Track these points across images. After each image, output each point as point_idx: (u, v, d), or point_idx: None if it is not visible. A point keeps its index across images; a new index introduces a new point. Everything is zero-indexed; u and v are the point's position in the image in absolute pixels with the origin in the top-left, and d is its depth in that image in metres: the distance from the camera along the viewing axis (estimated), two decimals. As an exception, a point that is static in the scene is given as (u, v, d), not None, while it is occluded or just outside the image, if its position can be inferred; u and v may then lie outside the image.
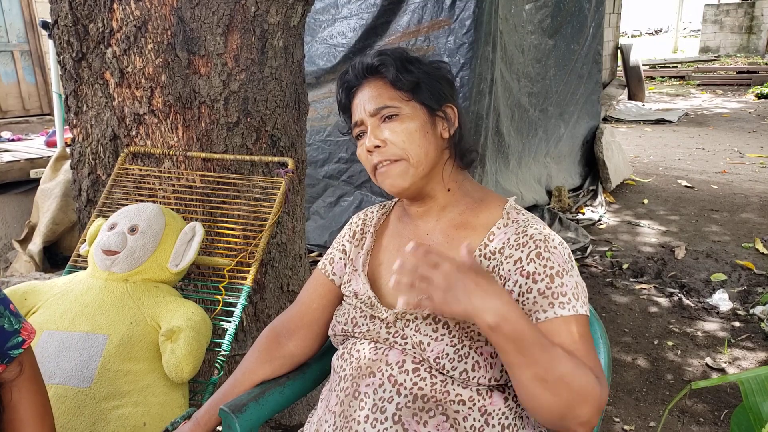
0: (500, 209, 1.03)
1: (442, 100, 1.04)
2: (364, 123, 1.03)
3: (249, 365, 1.16)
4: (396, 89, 1.01)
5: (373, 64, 1.03)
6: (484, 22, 3.15)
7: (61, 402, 1.19)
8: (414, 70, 1.02)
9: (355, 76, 1.05)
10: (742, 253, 3.50)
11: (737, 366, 2.43)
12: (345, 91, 1.08)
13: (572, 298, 0.93)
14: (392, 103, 1.00)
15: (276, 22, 1.75)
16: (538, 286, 0.93)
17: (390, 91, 1.01)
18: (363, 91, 1.04)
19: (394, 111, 1.00)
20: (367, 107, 1.02)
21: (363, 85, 1.05)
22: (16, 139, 4.29)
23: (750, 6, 14.86)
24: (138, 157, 1.78)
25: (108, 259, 1.38)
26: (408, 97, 1.01)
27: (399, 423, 0.93)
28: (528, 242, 0.96)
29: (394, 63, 1.01)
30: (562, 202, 4.34)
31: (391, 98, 1.01)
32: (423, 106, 1.02)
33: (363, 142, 1.04)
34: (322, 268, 1.18)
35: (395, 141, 1.00)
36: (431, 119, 1.02)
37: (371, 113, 1.02)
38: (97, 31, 1.68)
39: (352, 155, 3.47)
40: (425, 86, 1.02)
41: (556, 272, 0.94)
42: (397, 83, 1.01)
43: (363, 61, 1.05)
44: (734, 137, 6.96)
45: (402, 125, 1.00)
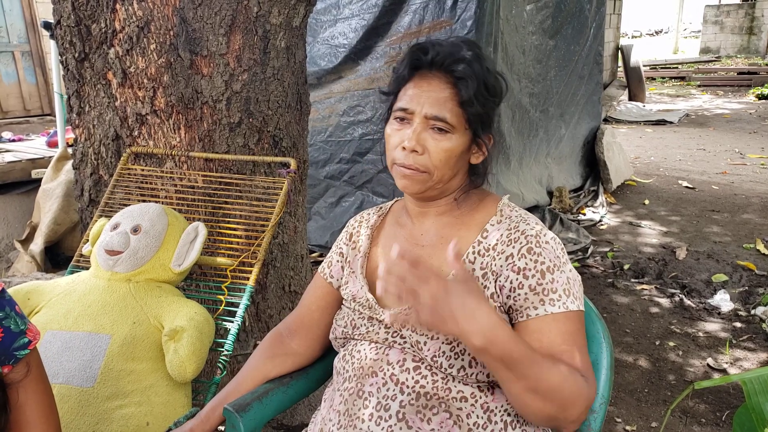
0: (494, 207, 1.05)
1: (489, 129, 1.01)
2: (414, 117, 0.98)
3: (253, 363, 1.17)
4: (461, 108, 0.96)
5: (455, 71, 0.96)
6: (485, 23, 3.16)
7: (64, 402, 1.19)
8: (488, 101, 0.98)
9: (430, 62, 0.98)
10: (743, 254, 3.50)
11: (739, 367, 2.43)
12: (410, 67, 1.00)
13: (563, 294, 0.94)
14: (451, 119, 0.96)
15: (278, 23, 1.76)
16: (529, 282, 0.94)
17: (455, 106, 0.96)
18: (430, 84, 0.97)
19: (447, 127, 0.96)
20: (426, 108, 0.96)
21: (432, 77, 0.98)
22: (17, 139, 4.30)
23: (750, 7, 14.85)
24: (140, 158, 1.78)
25: (111, 259, 1.38)
26: (466, 120, 0.97)
27: (403, 420, 0.93)
28: (519, 238, 0.97)
29: (475, 85, 0.95)
30: (563, 203, 4.34)
31: (451, 113, 0.96)
32: (471, 131, 0.99)
33: (401, 129, 0.99)
34: (321, 271, 1.19)
35: (433, 156, 0.97)
36: (470, 145, 1.00)
37: (427, 116, 0.96)
38: (100, 31, 1.69)
39: (354, 156, 3.47)
40: (482, 118, 0.98)
41: (546, 268, 0.95)
42: (465, 105, 0.96)
43: (446, 55, 0.96)
44: (735, 138, 6.96)
45: (448, 143, 0.97)
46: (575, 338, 0.93)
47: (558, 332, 0.93)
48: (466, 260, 1.00)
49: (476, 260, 0.99)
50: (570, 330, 0.93)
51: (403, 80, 1.01)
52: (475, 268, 0.99)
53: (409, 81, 1.00)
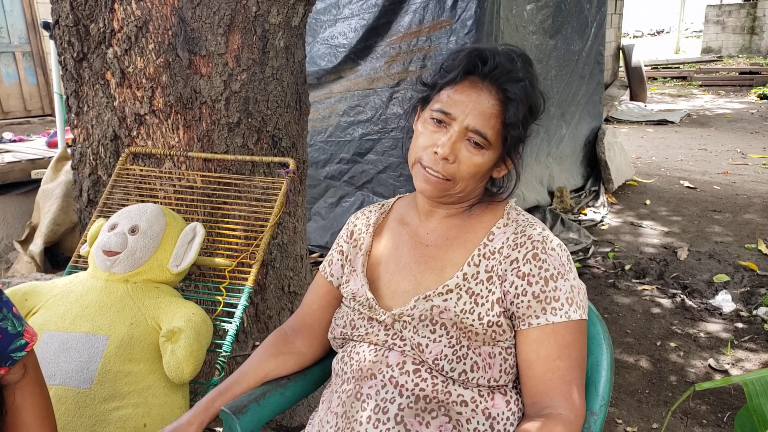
0: (501, 210, 1.04)
1: (515, 150, 1.01)
2: (454, 122, 0.95)
3: (256, 360, 1.16)
4: (503, 127, 0.95)
5: (509, 90, 0.94)
6: (486, 23, 3.15)
7: (61, 403, 1.19)
8: (528, 124, 0.98)
9: (485, 73, 0.95)
10: (744, 254, 3.49)
11: (740, 367, 2.41)
12: (464, 71, 0.96)
13: (565, 303, 0.94)
14: (491, 137, 0.95)
15: (277, 22, 1.75)
16: (533, 289, 0.94)
17: (498, 125, 0.95)
18: (480, 96, 0.95)
19: (484, 144, 0.95)
20: (470, 119, 0.94)
21: (483, 87, 0.95)
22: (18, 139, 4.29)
23: (752, 6, 14.83)
24: (139, 158, 1.77)
25: (108, 259, 1.37)
26: (503, 143, 0.97)
27: (401, 424, 0.92)
28: (525, 242, 0.97)
29: (522, 110, 0.94)
30: (564, 203, 4.33)
31: (493, 130, 0.95)
32: (504, 151, 0.99)
33: (436, 131, 0.97)
34: (322, 270, 1.18)
35: (464, 168, 0.96)
36: (498, 162, 1.00)
37: (468, 127, 0.95)
38: (98, 31, 1.68)
39: (354, 156, 3.47)
40: (517, 139, 0.98)
41: (551, 275, 0.95)
42: (508, 127, 0.95)
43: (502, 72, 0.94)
44: (736, 138, 6.94)
45: (480, 159, 0.96)
46: (571, 351, 0.94)
47: (555, 345, 0.94)
48: (471, 263, 0.99)
49: (481, 263, 0.99)
50: (568, 342, 0.94)
51: (451, 81, 0.98)
52: (479, 271, 0.98)
53: (458, 84, 0.97)
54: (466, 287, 0.98)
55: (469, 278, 0.98)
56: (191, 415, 1.08)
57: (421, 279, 1.02)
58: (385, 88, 3.34)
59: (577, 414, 0.92)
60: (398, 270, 1.05)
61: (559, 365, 0.93)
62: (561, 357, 0.93)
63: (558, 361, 0.93)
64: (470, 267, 0.99)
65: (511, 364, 0.96)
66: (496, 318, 0.95)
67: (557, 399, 0.92)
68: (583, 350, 0.96)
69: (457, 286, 0.98)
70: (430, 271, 1.02)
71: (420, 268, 1.03)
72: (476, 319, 0.96)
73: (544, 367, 0.93)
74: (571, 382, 0.93)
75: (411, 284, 1.03)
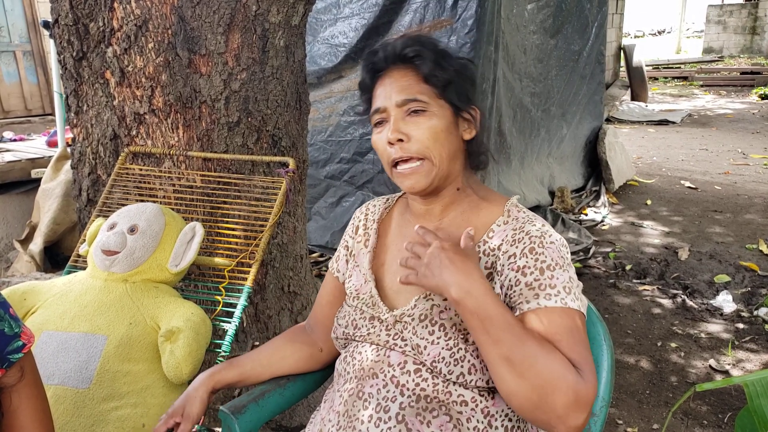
0: (501, 207, 1.03)
1: (468, 101, 1.01)
2: (387, 112, 0.98)
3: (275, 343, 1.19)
4: (427, 83, 0.97)
5: (407, 54, 0.97)
6: (486, 22, 3.14)
7: (59, 403, 1.18)
8: (447, 66, 0.98)
9: (384, 59, 1.00)
10: (745, 255, 3.48)
11: (741, 368, 2.41)
12: (370, 72, 1.02)
13: (562, 290, 0.90)
14: (422, 97, 0.96)
15: (277, 21, 1.75)
16: (527, 279, 0.92)
17: (421, 85, 0.97)
18: (391, 78, 0.99)
19: (422, 106, 0.96)
20: (394, 97, 0.97)
21: (391, 71, 0.99)
22: (18, 139, 4.30)
23: (753, 6, 14.81)
24: (138, 157, 1.77)
25: (107, 259, 1.37)
26: (438, 94, 0.97)
27: (402, 423, 0.92)
28: (524, 238, 0.96)
29: (430, 56, 0.96)
30: (564, 203, 4.32)
31: (421, 92, 0.97)
32: (450, 105, 0.98)
33: (382, 130, 0.99)
34: (330, 266, 1.20)
35: (420, 138, 0.96)
36: (455, 119, 1.00)
37: (398, 104, 0.97)
38: (98, 30, 1.68)
39: (354, 155, 3.46)
40: (456, 85, 0.98)
41: (547, 266, 0.92)
42: (430, 78, 0.96)
43: (396, 47, 0.99)
44: (738, 138, 6.94)
45: (429, 122, 0.96)
46: (574, 333, 0.88)
47: (552, 323, 0.88)
48: None
49: (481, 260, 0.98)
50: (568, 325, 0.88)
51: (369, 89, 1.03)
52: None
53: (375, 86, 1.02)
54: None
55: None
56: (198, 381, 1.10)
57: None
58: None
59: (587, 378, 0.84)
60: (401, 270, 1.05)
61: (560, 339, 0.86)
62: (560, 333, 0.87)
63: (558, 336, 0.87)
64: None
65: None
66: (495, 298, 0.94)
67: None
68: (585, 337, 0.90)
69: None
70: None
71: None
72: None
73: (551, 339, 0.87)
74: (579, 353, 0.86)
75: None
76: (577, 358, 0.86)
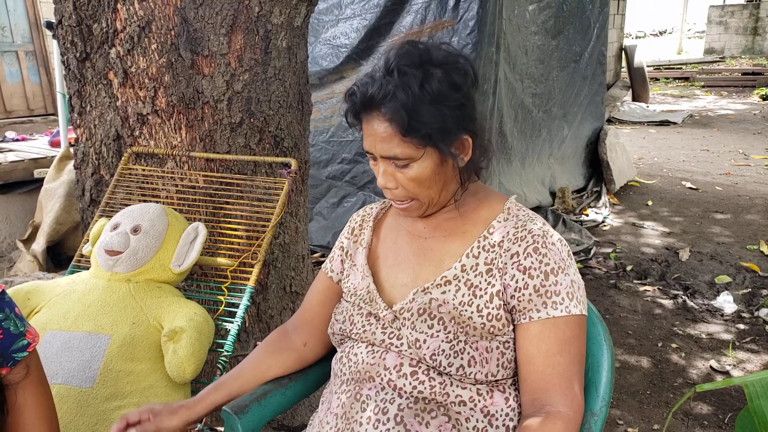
0: (501, 205, 1.04)
1: (456, 134, 0.96)
2: (376, 157, 0.99)
3: (255, 356, 1.16)
4: (407, 137, 0.93)
5: (382, 111, 0.93)
6: (488, 23, 3.15)
7: (63, 402, 1.19)
8: (426, 116, 0.91)
9: (361, 105, 0.96)
10: (746, 255, 3.48)
11: (742, 369, 2.41)
12: (353, 115, 0.99)
13: (566, 297, 0.94)
14: (403, 153, 0.94)
15: (279, 23, 1.75)
16: (534, 283, 0.95)
17: (400, 141, 0.93)
18: (372, 126, 0.95)
19: (404, 162, 0.95)
20: (379, 148, 0.96)
21: (372, 117, 0.95)
22: (21, 139, 4.30)
23: (755, 7, 14.80)
24: (141, 158, 1.78)
25: (111, 259, 1.38)
26: (420, 145, 0.94)
27: (401, 424, 0.93)
28: (526, 236, 0.97)
29: (404, 115, 0.91)
30: (565, 204, 4.33)
31: (401, 148, 0.94)
32: (434, 149, 0.96)
33: (375, 165, 1.01)
34: (324, 267, 1.20)
35: (406, 186, 0.98)
36: (444, 157, 0.97)
37: (383, 156, 0.96)
38: (101, 31, 1.69)
39: (356, 156, 3.47)
40: (438, 130, 0.94)
41: (551, 269, 0.95)
42: (407, 135, 0.93)
43: (370, 96, 0.94)
44: (739, 139, 6.93)
45: (412, 172, 0.96)
46: (571, 346, 0.95)
47: (556, 339, 0.94)
48: (470, 254, 1.00)
49: (480, 255, 0.99)
50: (568, 337, 0.94)
51: (356, 125, 1.02)
52: (479, 263, 0.99)
53: (361, 123, 0.99)
54: (464, 279, 0.98)
55: (467, 269, 0.99)
56: (176, 407, 1.06)
57: (419, 271, 1.03)
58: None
59: (577, 410, 0.92)
60: (397, 263, 1.06)
61: (560, 360, 0.93)
62: (561, 352, 0.93)
63: (558, 357, 0.93)
64: (469, 258, 0.99)
65: (508, 358, 0.96)
66: (496, 311, 0.95)
67: (557, 396, 0.92)
68: (582, 346, 0.97)
69: (456, 278, 0.98)
70: (428, 263, 1.03)
71: (418, 260, 1.04)
72: (474, 311, 0.96)
73: (544, 362, 0.93)
74: (572, 378, 0.93)
75: (409, 277, 1.03)
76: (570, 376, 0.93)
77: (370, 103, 0.94)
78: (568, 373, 0.93)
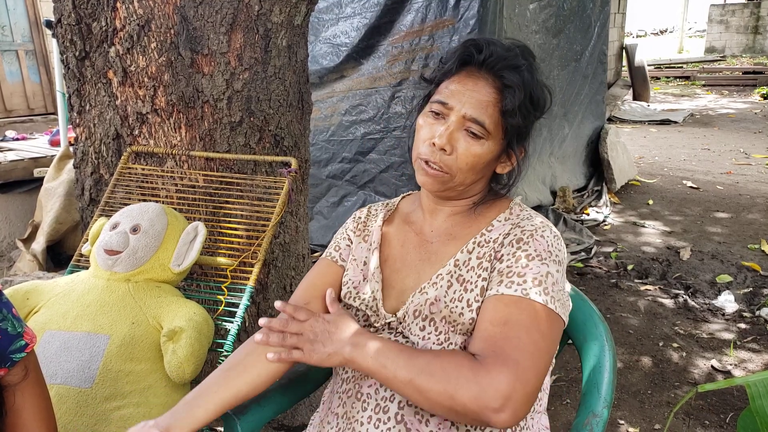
0: (505, 206, 1.05)
1: (523, 142, 0.99)
2: (451, 113, 0.95)
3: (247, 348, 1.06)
4: (502, 116, 0.93)
5: (505, 77, 0.93)
6: (489, 22, 3.14)
7: (62, 402, 1.19)
8: (528, 113, 0.95)
9: (482, 62, 0.94)
10: (747, 255, 3.48)
11: (743, 368, 2.41)
12: (459, 62, 0.96)
13: (530, 281, 0.88)
14: (489, 126, 0.93)
15: (279, 21, 1.75)
16: (500, 266, 0.92)
17: (496, 113, 0.93)
18: (475, 84, 0.94)
19: (482, 133, 0.94)
20: (466, 108, 0.93)
21: (479, 76, 0.94)
22: (21, 138, 4.30)
23: (756, 6, 14.78)
24: (141, 157, 1.77)
25: (110, 258, 1.37)
26: (503, 130, 0.94)
27: (402, 423, 0.92)
28: (515, 231, 0.97)
29: (520, 96, 0.92)
30: (566, 203, 4.32)
31: (491, 119, 0.93)
32: (505, 141, 0.96)
33: (434, 123, 0.96)
34: (328, 255, 1.15)
35: (461, 158, 0.94)
36: (500, 155, 0.98)
37: (465, 116, 0.94)
38: (100, 29, 1.68)
39: (356, 155, 3.47)
40: (521, 130, 0.96)
41: (527, 255, 0.91)
42: (506, 115, 0.93)
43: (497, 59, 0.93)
44: (740, 138, 6.93)
45: (479, 149, 0.94)
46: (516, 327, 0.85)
47: (494, 311, 0.88)
48: (465, 249, 0.99)
49: (474, 250, 0.99)
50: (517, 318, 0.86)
51: (448, 73, 0.98)
52: (471, 257, 0.98)
53: (455, 75, 0.97)
54: (457, 274, 0.97)
55: (460, 265, 0.98)
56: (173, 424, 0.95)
57: (422, 275, 1.02)
58: (387, 87, 3.33)
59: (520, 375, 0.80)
60: (404, 267, 1.05)
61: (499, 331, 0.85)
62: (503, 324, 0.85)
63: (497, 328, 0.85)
64: (463, 254, 0.99)
65: None
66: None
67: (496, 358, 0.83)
68: (548, 346, 0.86)
69: (449, 273, 0.98)
70: (430, 266, 1.02)
71: (423, 265, 1.03)
72: (465, 306, 0.94)
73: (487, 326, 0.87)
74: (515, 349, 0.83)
75: (413, 281, 1.03)
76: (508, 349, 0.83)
77: (493, 64, 0.94)
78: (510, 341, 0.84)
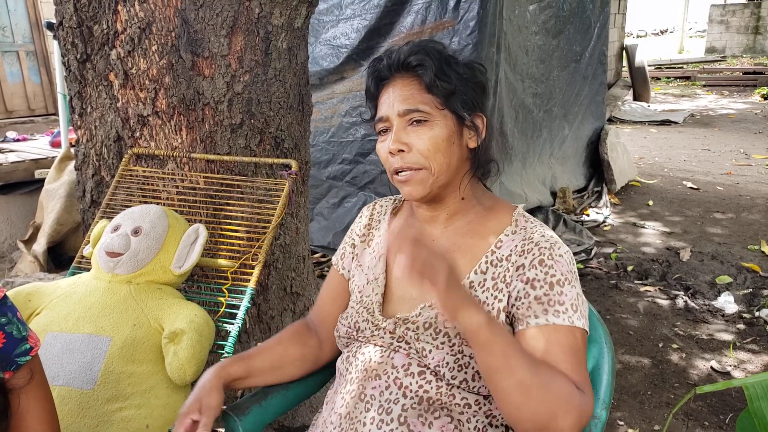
0: (509, 217, 1.03)
1: (473, 108, 1.00)
2: (390, 121, 0.99)
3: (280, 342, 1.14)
4: (430, 93, 0.96)
5: (410, 62, 0.97)
6: (489, 23, 3.15)
7: (64, 404, 1.19)
8: (452, 75, 0.97)
9: (388, 68, 1.00)
10: (747, 256, 3.48)
11: (742, 369, 2.41)
12: (375, 80, 1.03)
13: (570, 308, 0.90)
14: (424, 107, 0.96)
15: (280, 24, 1.75)
16: (536, 293, 0.92)
17: (423, 94, 0.97)
18: (394, 87, 0.99)
19: (424, 116, 0.96)
20: (396, 106, 0.97)
21: (395, 80, 1.00)
22: (21, 139, 4.31)
23: (756, 6, 14.77)
24: (142, 159, 1.78)
25: (111, 260, 1.38)
26: (441, 104, 0.96)
27: (405, 425, 0.93)
28: (533, 249, 0.95)
29: (433, 65, 0.96)
30: (566, 204, 4.32)
31: (423, 102, 0.96)
32: (454, 115, 0.98)
33: (385, 139, 1.00)
34: (335, 263, 1.19)
35: (420, 148, 0.96)
36: (459, 128, 0.99)
37: (400, 113, 0.97)
38: (102, 32, 1.69)
39: (356, 156, 3.47)
40: (460, 94, 0.97)
41: (557, 280, 0.92)
42: (432, 88, 0.96)
43: (399, 55, 0.99)
44: (740, 138, 6.93)
45: (430, 132, 0.96)
46: (576, 354, 0.89)
47: (557, 343, 0.89)
48: (478, 270, 0.98)
49: (488, 270, 0.98)
50: (572, 345, 0.89)
51: (375, 97, 1.03)
52: (486, 279, 0.97)
53: (379, 93, 1.02)
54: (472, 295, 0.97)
55: (475, 286, 0.97)
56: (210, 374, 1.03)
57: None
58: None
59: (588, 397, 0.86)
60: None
61: (563, 359, 0.88)
62: (565, 354, 0.88)
63: (561, 356, 0.88)
64: (477, 275, 0.98)
65: None
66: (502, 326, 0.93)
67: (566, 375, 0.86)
68: (584, 359, 0.92)
69: None
70: None
71: None
72: None
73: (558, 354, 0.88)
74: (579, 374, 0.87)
75: (418, 290, 1.02)
76: (578, 378, 0.87)
77: (398, 61, 0.98)
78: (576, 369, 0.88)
